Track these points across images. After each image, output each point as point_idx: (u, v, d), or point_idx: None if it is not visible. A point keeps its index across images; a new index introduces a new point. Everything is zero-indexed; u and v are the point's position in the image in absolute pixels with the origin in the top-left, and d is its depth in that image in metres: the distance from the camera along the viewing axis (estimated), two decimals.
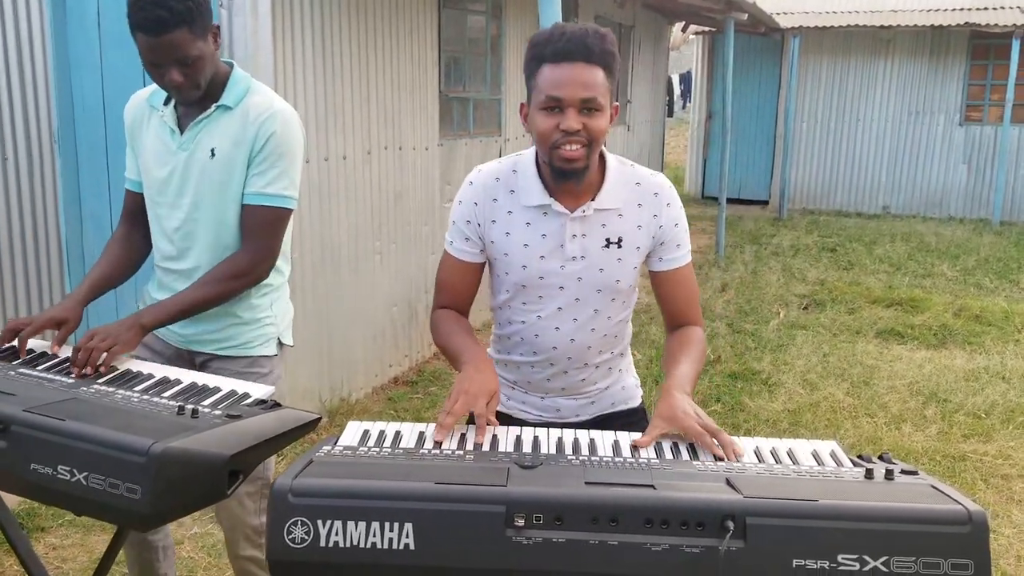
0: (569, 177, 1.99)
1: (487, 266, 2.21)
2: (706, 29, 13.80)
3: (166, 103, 2.47)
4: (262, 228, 2.46)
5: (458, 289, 2.21)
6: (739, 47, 13.40)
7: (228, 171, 2.42)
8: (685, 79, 26.10)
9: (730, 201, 12.98)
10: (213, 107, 2.41)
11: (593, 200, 2.07)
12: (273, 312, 2.60)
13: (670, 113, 23.75)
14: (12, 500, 2.68)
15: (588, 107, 1.92)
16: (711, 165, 14.36)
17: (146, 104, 2.53)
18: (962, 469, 4.42)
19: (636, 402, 2.35)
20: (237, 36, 3.95)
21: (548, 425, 2.02)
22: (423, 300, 6.12)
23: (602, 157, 2.10)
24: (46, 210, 4.19)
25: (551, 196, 2.06)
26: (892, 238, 11.15)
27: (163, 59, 2.26)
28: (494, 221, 2.11)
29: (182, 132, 2.44)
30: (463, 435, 1.83)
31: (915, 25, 12.43)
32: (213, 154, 2.41)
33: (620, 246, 2.09)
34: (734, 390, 5.56)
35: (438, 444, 1.76)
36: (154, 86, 2.47)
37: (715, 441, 1.77)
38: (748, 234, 11.34)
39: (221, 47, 2.44)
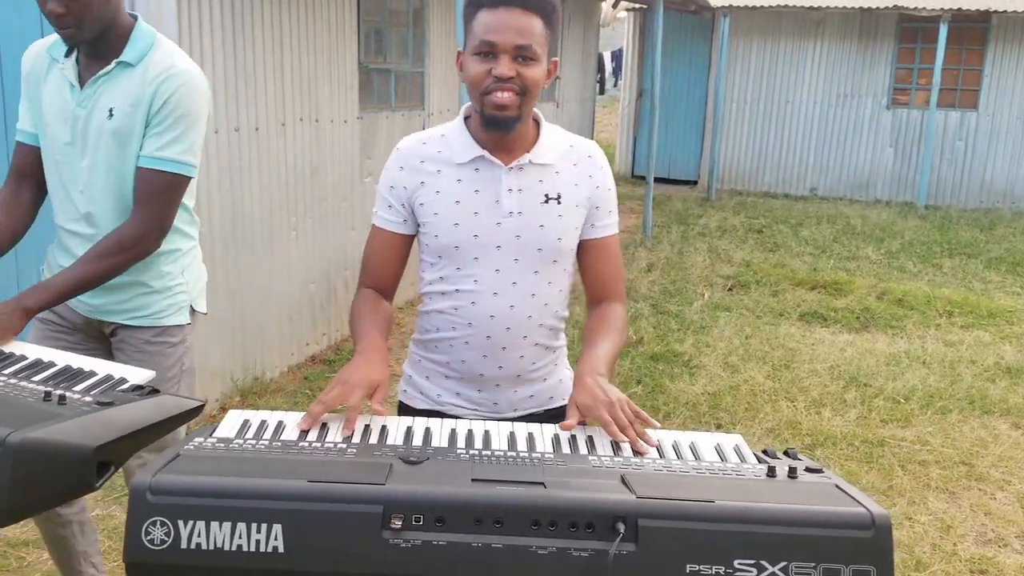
0: (499, 125, 1.92)
1: (416, 244, 2.12)
2: (637, 6, 13.73)
3: (67, 55, 2.32)
4: (153, 195, 2.32)
5: (382, 262, 2.11)
6: (669, 26, 13.37)
7: (126, 134, 2.29)
8: (617, 56, 26.09)
9: (660, 181, 13.01)
10: (114, 63, 2.28)
11: (529, 153, 2.00)
12: (185, 279, 2.48)
13: (601, 91, 23.75)
14: None
15: (523, 55, 1.87)
16: (641, 144, 14.32)
17: (46, 55, 2.38)
18: (880, 455, 4.43)
19: None
20: None
21: (485, 420, 1.88)
22: (342, 277, 5.96)
23: (536, 119, 2.05)
24: None
25: (483, 149, 2.00)
26: (818, 220, 11.24)
27: None
28: (422, 183, 2.03)
29: (82, 87, 2.31)
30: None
31: (844, 7, 12.49)
32: (111, 115, 2.28)
33: (559, 202, 2.02)
34: (655, 372, 5.52)
35: (304, 434, 1.65)
36: (56, 36, 2.32)
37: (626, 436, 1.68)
38: (676, 214, 11.35)
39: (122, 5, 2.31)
